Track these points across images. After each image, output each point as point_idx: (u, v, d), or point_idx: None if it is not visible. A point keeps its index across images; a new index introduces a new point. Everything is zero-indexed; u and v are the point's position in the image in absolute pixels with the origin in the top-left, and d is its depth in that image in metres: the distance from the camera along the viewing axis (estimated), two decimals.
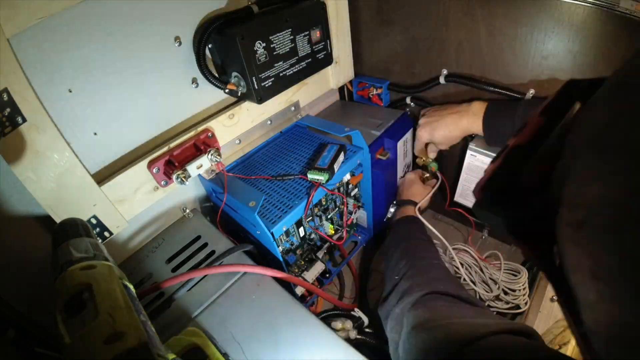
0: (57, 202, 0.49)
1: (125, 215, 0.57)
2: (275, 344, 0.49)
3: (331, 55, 0.72)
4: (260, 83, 0.60)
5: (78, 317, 0.30)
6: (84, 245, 0.38)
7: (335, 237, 0.76)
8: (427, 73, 0.78)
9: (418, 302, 0.50)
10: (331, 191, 0.67)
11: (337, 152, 0.67)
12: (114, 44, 0.50)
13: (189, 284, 0.56)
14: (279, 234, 0.60)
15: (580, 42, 0.56)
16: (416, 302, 0.51)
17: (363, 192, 0.80)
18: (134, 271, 0.61)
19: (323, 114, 0.91)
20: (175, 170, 0.58)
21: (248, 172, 0.70)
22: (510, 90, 0.66)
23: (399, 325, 0.50)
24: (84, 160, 0.51)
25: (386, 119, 0.83)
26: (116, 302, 0.32)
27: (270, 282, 0.57)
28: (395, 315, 0.52)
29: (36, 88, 0.44)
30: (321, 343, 0.49)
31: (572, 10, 0.54)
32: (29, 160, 0.45)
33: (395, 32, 0.77)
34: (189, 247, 0.64)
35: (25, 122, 0.43)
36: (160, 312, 0.53)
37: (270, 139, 0.78)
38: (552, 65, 0.60)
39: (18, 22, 0.40)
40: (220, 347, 0.48)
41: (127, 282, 0.36)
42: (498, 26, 0.62)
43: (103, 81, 0.51)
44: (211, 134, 0.64)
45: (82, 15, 0.46)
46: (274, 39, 0.60)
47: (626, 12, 0.50)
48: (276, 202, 0.62)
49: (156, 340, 0.32)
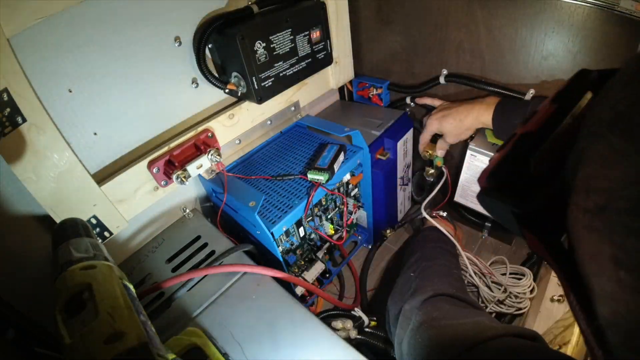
0: (57, 202, 0.49)
1: (125, 215, 0.57)
2: (275, 344, 0.49)
3: (331, 55, 0.72)
4: (260, 83, 0.60)
5: (78, 317, 0.30)
6: (84, 245, 0.38)
7: (335, 237, 0.76)
8: (427, 73, 0.78)
9: (428, 301, 0.51)
10: (331, 191, 0.68)
11: (337, 152, 0.67)
12: (114, 44, 0.50)
13: (189, 284, 0.56)
14: (279, 234, 0.60)
15: (580, 42, 0.56)
16: (426, 300, 0.51)
17: (363, 192, 0.80)
18: (134, 271, 0.60)
19: (323, 114, 0.91)
20: (175, 170, 0.58)
21: (248, 172, 0.70)
22: (510, 90, 0.66)
23: (407, 321, 0.50)
24: (84, 160, 0.51)
25: (386, 119, 0.83)
26: (116, 302, 0.32)
27: (270, 282, 0.57)
28: (405, 311, 0.53)
29: (36, 88, 0.44)
30: (321, 343, 0.49)
31: (572, 11, 0.54)
32: (29, 160, 0.45)
33: (395, 32, 0.77)
34: (189, 247, 0.64)
35: (25, 122, 0.43)
36: (160, 312, 0.53)
37: (270, 139, 0.78)
38: (552, 65, 0.60)
39: (18, 22, 0.40)
40: (220, 347, 0.48)
41: (127, 282, 0.36)
42: (498, 26, 0.62)
43: (103, 81, 0.51)
44: (211, 134, 0.64)
45: (82, 15, 0.46)
46: (274, 39, 0.60)
47: (626, 12, 0.50)
48: (276, 202, 0.62)
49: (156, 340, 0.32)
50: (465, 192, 0.77)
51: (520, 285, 0.72)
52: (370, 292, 0.84)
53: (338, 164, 0.65)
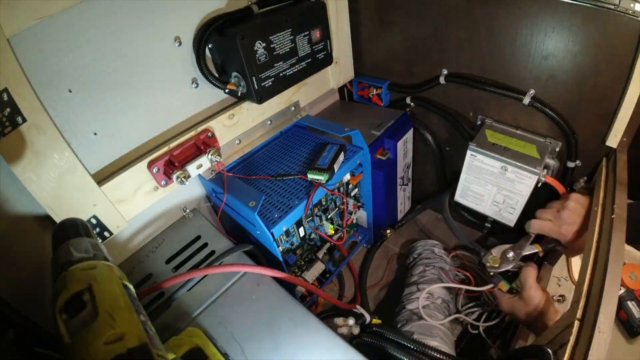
0: (57, 202, 0.49)
1: (125, 215, 0.57)
2: (275, 344, 0.49)
3: (331, 55, 0.72)
4: (260, 83, 0.60)
5: (78, 317, 0.30)
6: (84, 245, 0.38)
7: (335, 237, 0.76)
8: (427, 73, 0.78)
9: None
10: (331, 191, 0.68)
11: (337, 152, 0.67)
12: (114, 44, 0.50)
13: (189, 284, 0.56)
14: (279, 234, 0.60)
15: (580, 42, 0.56)
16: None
17: (363, 192, 0.80)
18: (134, 271, 0.60)
19: (323, 114, 0.91)
20: (175, 170, 0.58)
21: (248, 172, 0.70)
22: (510, 90, 0.66)
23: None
24: (84, 160, 0.51)
25: (386, 119, 0.83)
26: (116, 302, 0.32)
27: (270, 282, 0.57)
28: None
29: (36, 88, 0.44)
30: (321, 343, 0.49)
31: (572, 10, 0.54)
32: (29, 160, 0.45)
33: (395, 32, 0.77)
34: (189, 247, 0.64)
35: (25, 122, 0.43)
36: (160, 312, 0.53)
37: (270, 139, 0.78)
38: (552, 65, 0.60)
39: (18, 22, 0.40)
40: (220, 347, 0.48)
41: (127, 282, 0.36)
42: (498, 26, 0.62)
43: (103, 81, 0.51)
44: (211, 134, 0.64)
45: (82, 15, 0.46)
46: (274, 39, 0.60)
47: (626, 12, 0.50)
48: (276, 202, 0.62)
49: (156, 340, 0.32)
50: (465, 192, 0.76)
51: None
52: (370, 292, 0.84)
53: (338, 164, 0.65)
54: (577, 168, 0.68)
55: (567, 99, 0.62)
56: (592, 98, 0.60)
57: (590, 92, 0.59)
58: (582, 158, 0.67)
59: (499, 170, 0.67)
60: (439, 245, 0.84)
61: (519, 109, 0.68)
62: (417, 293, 0.72)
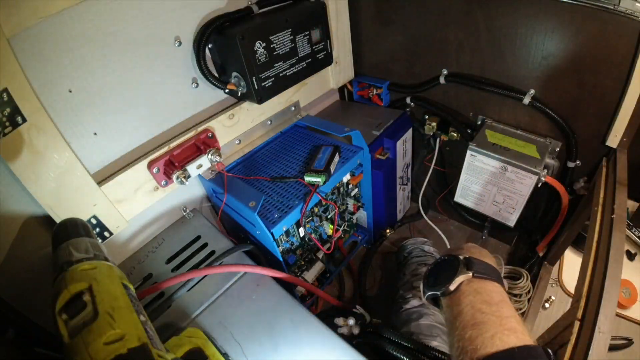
0: (57, 202, 0.49)
1: (125, 215, 0.57)
2: (275, 344, 0.49)
3: (331, 55, 0.72)
4: (260, 83, 0.60)
5: (78, 317, 0.30)
6: (84, 245, 0.38)
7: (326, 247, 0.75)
8: (427, 73, 0.78)
9: None
10: (324, 199, 0.66)
11: (332, 153, 0.66)
12: (114, 44, 0.50)
13: (189, 284, 0.56)
14: (278, 234, 0.60)
15: (581, 42, 0.56)
16: None
17: (363, 192, 0.80)
18: (134, 271, 0.60)
19: (323, 114, 0.91)
20: (175, 170, 0.58)
21: (248, 172, 0.70)
22: (510, 90, 0.66)
23: None
24: (84, 160, 0.51)
25: (386, 119, 0.83)
26: (116, 302, 0.32)
27: (270, 282, 0.57)
28: None
29: (36, 88, 0.44)
30: (321, 343, 0.49)
31: (572, 11, 0.54)
32: (29, 160, 0.45)
33: (395, 32, 0.77)
34: (189, 247, 0.64)
35: (25, 122, 0.43)
36: (160, 312, 0.53)
37: (270, 139, 0.78)
38: (552, 65, 0.60)
39: (18, 22, 0.40)
40: (220, 347, 0.48)
41: (127, 282, 0.36)
42: (498, 26, 0.62)
43: (103, 81, 0.51)
44: (211, 134, 0.64)
45: (82, 15, 0.46)
46: (274, 39, 0.60)
47: (626, 12, 0.50)
48: (276, 202, 0.62)
49: (156, 341, 0.32)
50: (466, 192, 0.77)
51: (518, 286, 0.72)
52: (370, 292, 0.84)
53: (334, 164, 0.65)
54: (577, 168, 0.68)
55: (567, 99, 0.62)
56: (592, 98, 0.60)
57: (590, 92, 0.59)
58: (582, 158, 0.67)
59: (499, 170, 0.67)
60: (428, 243, 0.84)
61: (519, 109, 0.68)
62: (412, 292, 0.72)
